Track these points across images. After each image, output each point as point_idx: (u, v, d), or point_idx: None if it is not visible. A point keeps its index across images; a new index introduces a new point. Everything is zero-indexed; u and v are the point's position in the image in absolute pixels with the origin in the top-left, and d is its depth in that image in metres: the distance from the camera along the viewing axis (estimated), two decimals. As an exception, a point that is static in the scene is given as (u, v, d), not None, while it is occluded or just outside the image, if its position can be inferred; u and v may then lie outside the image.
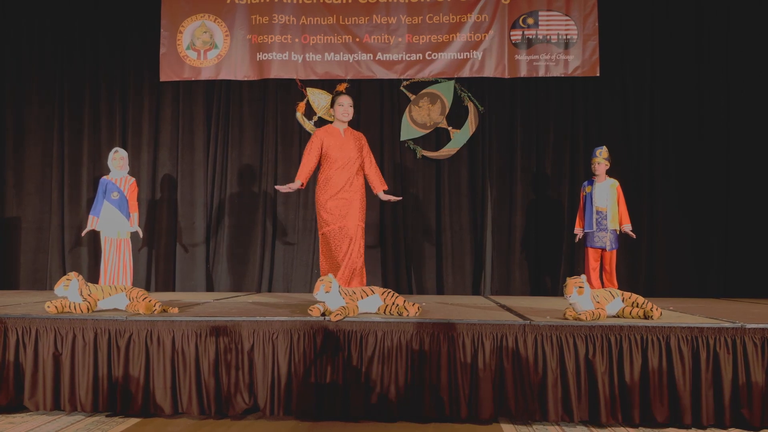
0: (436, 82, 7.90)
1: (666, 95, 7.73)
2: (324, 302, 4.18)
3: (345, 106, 5.86)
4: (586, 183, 6.75)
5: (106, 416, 4.09)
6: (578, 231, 6.77)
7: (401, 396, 3.97)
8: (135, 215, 6.68)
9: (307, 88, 7.96)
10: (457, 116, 7.91)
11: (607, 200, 6.54)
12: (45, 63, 8.12)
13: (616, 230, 6.55)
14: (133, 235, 6.77)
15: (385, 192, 6.02)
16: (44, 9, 8.10)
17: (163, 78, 8.01)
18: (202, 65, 8.00)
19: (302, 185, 5.81)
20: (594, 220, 6.56)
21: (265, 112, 8.05)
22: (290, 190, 5.81)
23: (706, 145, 7.65)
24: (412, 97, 7.91)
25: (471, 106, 7.86)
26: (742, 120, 7.62)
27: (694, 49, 7.74)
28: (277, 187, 5.89)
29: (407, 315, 4.20)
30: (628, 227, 6.56)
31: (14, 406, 4.13)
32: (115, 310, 4.46)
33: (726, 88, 7.67)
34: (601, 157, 6.58)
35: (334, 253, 5.67)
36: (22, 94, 8.14)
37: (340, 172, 5.72)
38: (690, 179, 7.64)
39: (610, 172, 6.64)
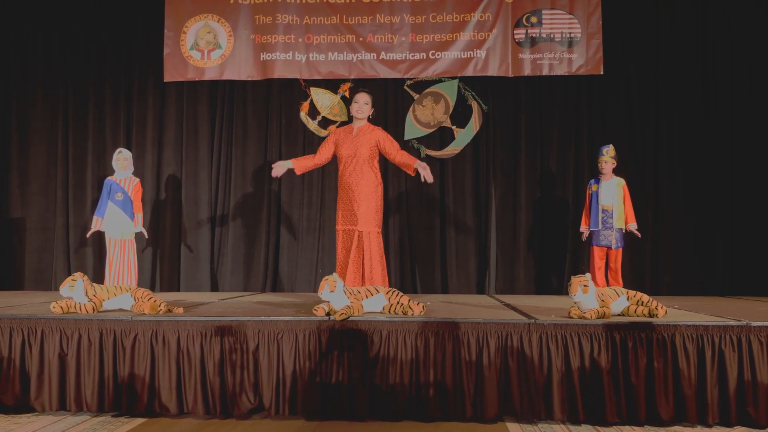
0: (439, 81, 7.89)
1: (670, 93, 7.70)
2: (329, 301, 4.18)
3: (360, 103, 5.89)
4: (592, 181, 6.75)
5: (112, 416, 4.10)
6: (584, 229, 6.76)
7: (406, 395, 3.98)
8: (139, 216, 6.69)
9: (311, 88, 7.97)
10: (460, 115, 7.90)
11: (613, 199, 6.53)
12: (49, 64, 8.14)
13: (621, 229, 6.54)
14: (138, 236, 6.78)
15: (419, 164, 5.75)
16: (48, 10, 8.11)
17: (167, 78, 8.02)
18: (205, 65, 8.00)
19: (293, 168, 5.96)
20: (599, 218, 6.56)
21: (269, 112, 8.06)
22: (278, 167, 5.94)
23: (711, 143, 7.62)
24: (416, 96, 7.91)
25: (475, 105, 7.86)
26: (747, 118, 7.59)
27: (698, 46, 7.71)
28: (273, 165, 6.04)
29: (412, 314, 4.20)
30: (633, 226, 6.56)
31: (20, 406, 4.14)
32: (121, 310, 4.47)
33: (730, 86, 7.65)
34: (607, 156, 6.57)
35: (339, 253, 5.85)
36: (26, 95, 8.15)
37: (348, 171, 5.81)
38: (695, 177, 7.62)
39: (615, 171, 6.63)
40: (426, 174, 5.67)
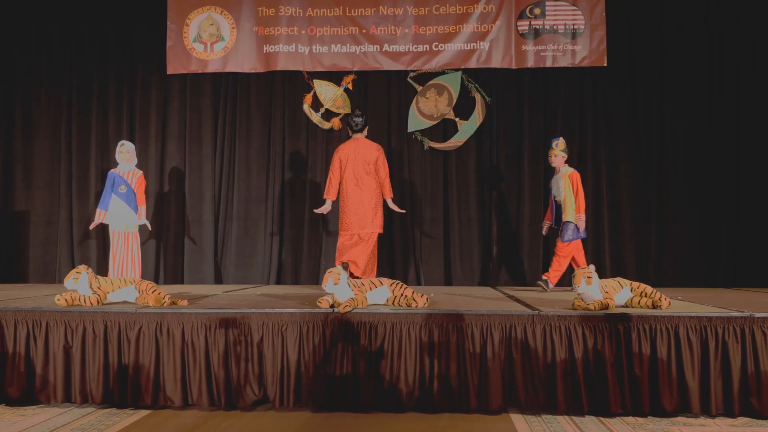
0: (443, 73, 7.88)
1: (675, 84, 7.68)
2: (333, 294, 4.19)
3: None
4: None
5: (117, 408, 4.11)
6: (544, 224, 6.63)
7: (411, 387, 3.99)
8: (143, 208, 6.69)
9: (314, 80, 7.96)
10: (464, 107, 7.89)
11: (560, 191, 6.37)
12: (53, 57, 8.13)
13: (570, 221, 6.28)
14: (142, 228, 6.79)
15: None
16: (52, 4, 8.10)
17: (170, 71, 8.01)
18: (209, 58, 7.99)
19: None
20: (554, 213, 6.45)
21: (273, 105, 8.06)
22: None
23: (716, 134, 7.60)
24: (419, 88, 7.89)
25: (478, 97, 7.84)
26: (752, 110, 7.56)
27: (704, 37, 7.68)
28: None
29: (416, 306, 4.21)
30: (581, 217, 6.27)
31: (26, 398, 4.16)
32: (125, 302, 4.48)
33: (736, 77, 7.62)
34: (557, 149, 6.44)
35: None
36: (30, 89, 8.15)
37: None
38: (699, 169, 7.60)
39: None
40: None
